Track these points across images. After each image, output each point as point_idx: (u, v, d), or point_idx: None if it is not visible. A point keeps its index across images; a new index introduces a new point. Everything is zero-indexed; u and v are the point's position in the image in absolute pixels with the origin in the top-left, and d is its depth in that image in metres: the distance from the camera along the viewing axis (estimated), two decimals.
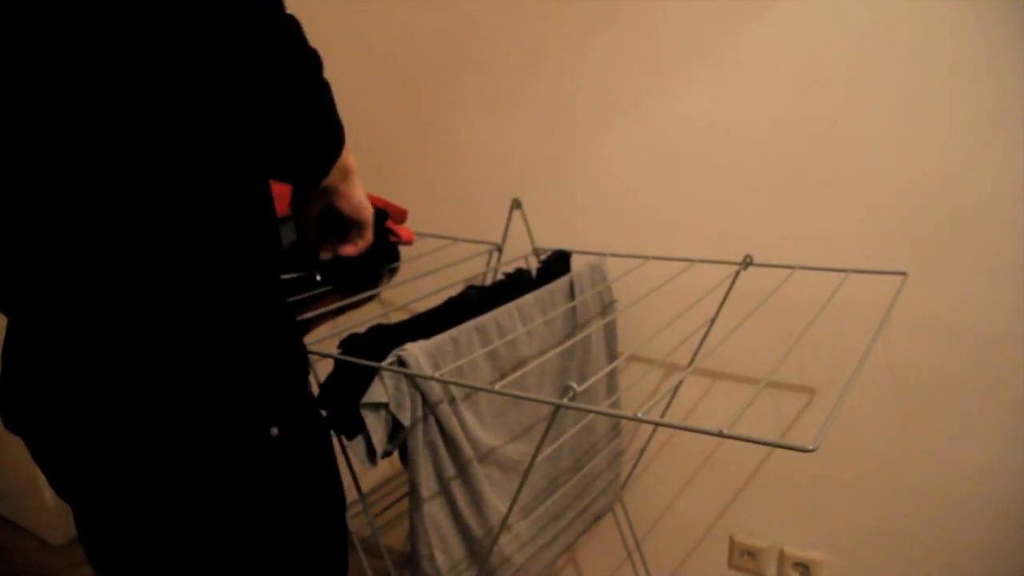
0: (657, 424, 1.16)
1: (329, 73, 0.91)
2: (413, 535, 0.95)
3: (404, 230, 1.15)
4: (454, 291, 1.12)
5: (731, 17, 1.14)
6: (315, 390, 0.89)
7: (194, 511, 0.68)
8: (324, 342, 0.96)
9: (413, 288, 1.41)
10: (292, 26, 0.68)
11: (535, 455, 0.86)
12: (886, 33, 1.05)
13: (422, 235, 1.40)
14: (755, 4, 1.12)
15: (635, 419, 0.75)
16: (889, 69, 1.06)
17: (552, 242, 1.38)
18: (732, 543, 1.35)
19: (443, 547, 0.97)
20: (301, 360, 0.77)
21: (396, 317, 1.43)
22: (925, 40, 1.03)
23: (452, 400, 0.94)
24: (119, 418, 0.64)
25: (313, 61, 0.72)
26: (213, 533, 0.70)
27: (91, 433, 0.65)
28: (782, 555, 1.30)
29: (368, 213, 0.90)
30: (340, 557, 0.83)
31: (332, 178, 0.81)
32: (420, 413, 0.90)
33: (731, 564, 1.36)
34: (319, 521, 0.79)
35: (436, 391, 0.91)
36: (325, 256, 0.95)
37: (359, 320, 1.04)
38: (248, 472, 0.70)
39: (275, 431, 0.70)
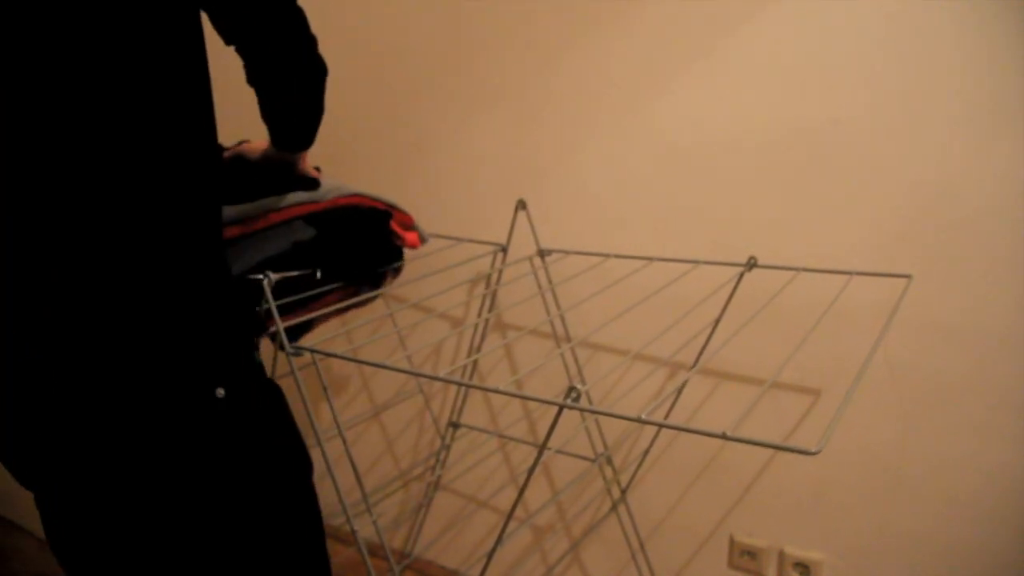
0: (661, 426, 1.16)
1: (332, 75, 0.91)
2: None
3: (410, 235, 1.16)
4: (459, 291, 1.12)
5: (735, 18, 1.15)
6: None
7: (147, 476, 0.68)
8: (335, 340, 0.95)
9: (418, 288, 1.41)
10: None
11: (539, 455, 0.86)
12: (889, 34, 1.05)
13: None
14: (756, 4, 1.13)
15: (639, 420, 0.76)
16: (892, 70, 1.06)
17: (556, 243, 1.38)
18: (732, 543, 1.35)
19: None
20: (245, 323, 0.78)
21: (400, 316, 1.44)
22: (928, 42, 1.03)
23: None
24: (59, 385, 0.64)
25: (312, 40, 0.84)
26: (168, 497, 0.70)
27: (38, 403, 0.65)
28: (782, 555, 1.31)
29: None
30: (311, 518, 0.83)
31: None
32: None
33: (731, 564, 1.36)
34: (281, 482, 0.79)
35: None
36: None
37: (364, 318, 1.04)
38: (197, 434, 0.70)
39: (221, 392, 0.71)
